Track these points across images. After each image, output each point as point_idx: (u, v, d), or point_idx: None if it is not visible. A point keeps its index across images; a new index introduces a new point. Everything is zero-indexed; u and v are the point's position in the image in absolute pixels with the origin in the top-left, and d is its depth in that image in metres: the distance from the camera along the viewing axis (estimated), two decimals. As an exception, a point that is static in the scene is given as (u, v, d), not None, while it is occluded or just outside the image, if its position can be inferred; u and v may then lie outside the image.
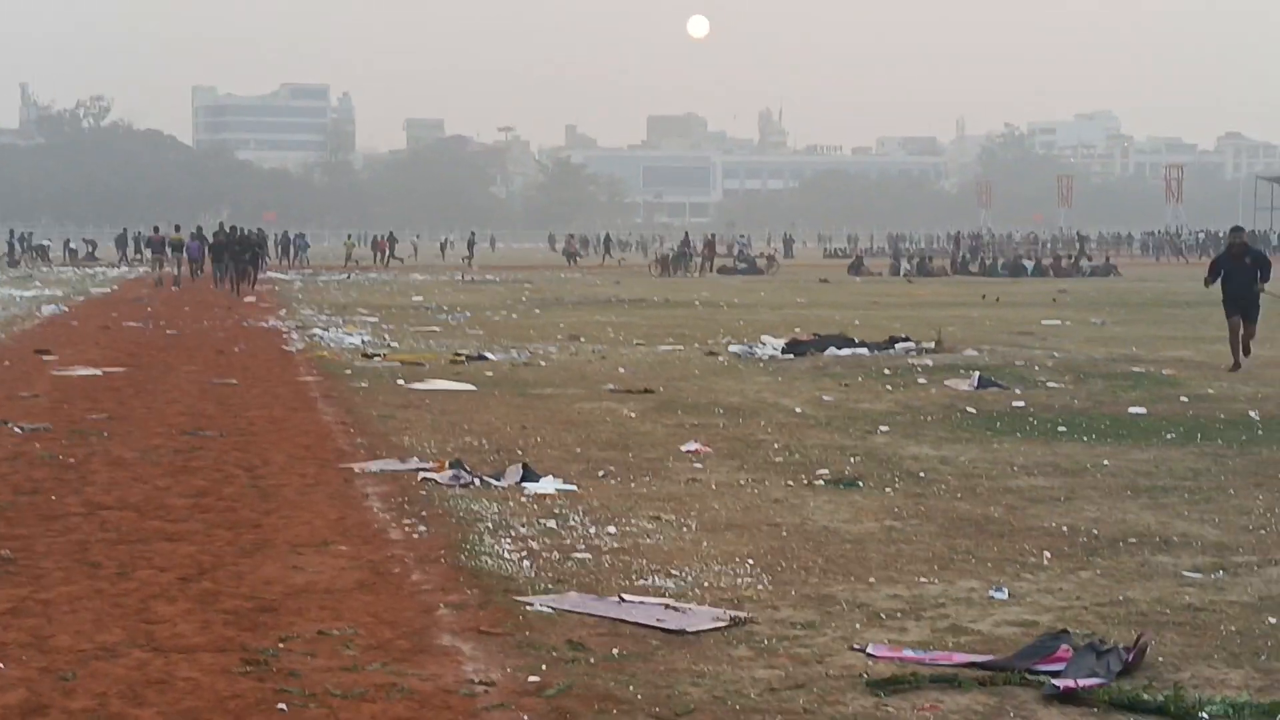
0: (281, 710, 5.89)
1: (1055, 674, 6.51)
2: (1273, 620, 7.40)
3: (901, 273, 62.84)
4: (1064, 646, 6.79)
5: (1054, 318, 32.85)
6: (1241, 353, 20.12)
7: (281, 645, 6.80)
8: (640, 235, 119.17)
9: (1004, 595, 7.94)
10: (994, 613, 7.58)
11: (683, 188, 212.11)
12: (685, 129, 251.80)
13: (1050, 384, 18.70)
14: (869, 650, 6.91)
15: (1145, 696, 6.17)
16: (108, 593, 7.78)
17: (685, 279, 60.52)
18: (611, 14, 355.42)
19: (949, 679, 6.48)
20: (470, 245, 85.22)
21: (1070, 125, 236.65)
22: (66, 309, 36.85)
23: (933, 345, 23.50)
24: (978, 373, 19.17)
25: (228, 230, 45.65)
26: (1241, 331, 20.11)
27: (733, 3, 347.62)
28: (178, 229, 57.87)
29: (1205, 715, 5.96)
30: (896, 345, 23.63)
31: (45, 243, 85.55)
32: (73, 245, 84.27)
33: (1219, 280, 20.46)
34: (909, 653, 6.92)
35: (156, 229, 61.08)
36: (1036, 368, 20.56)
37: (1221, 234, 59.09)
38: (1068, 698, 6.25)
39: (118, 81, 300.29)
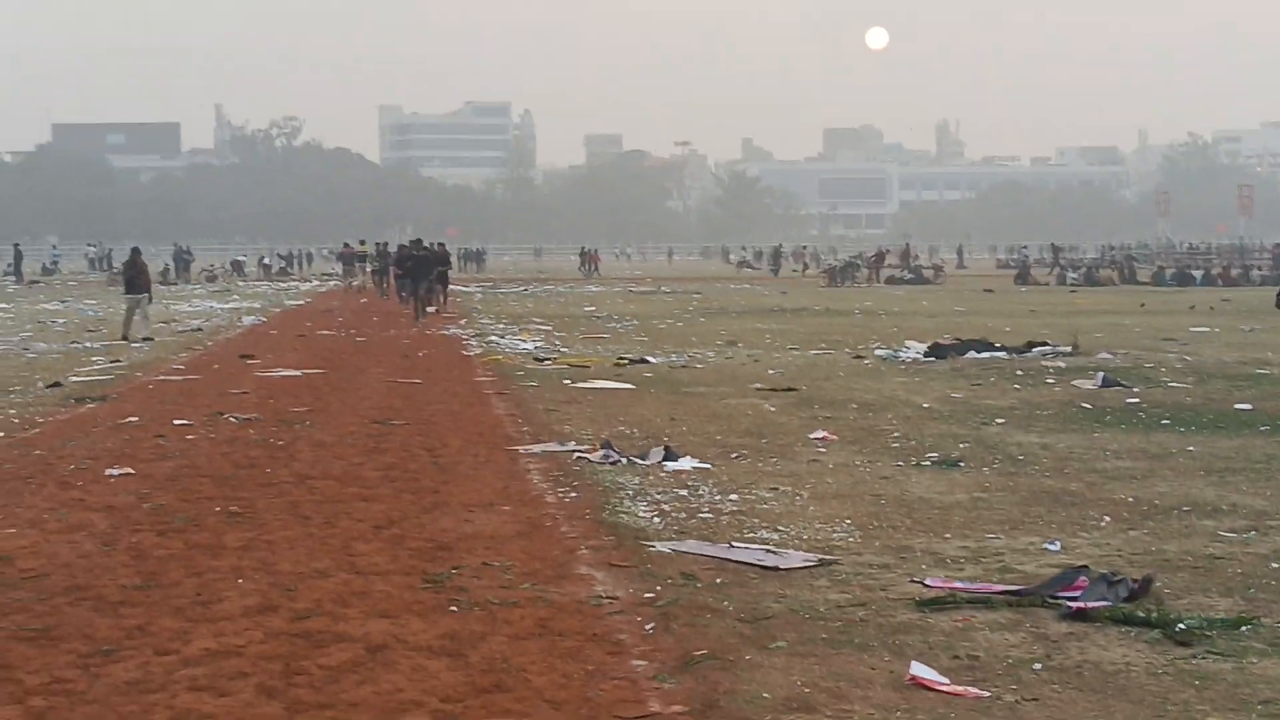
0: (453, 610, 7.64)
1: (1072, 599, 7.95)
2: (1275, 565, 8.76)
3: (1067, 282, 63.06)
4: (1082, 578, 8.19)
5: (1204, 325, 33.38)
6: None
7: (454, 571, 8.53)
8: (814, 247, 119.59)
9: (1056, 547, 9.32)
10: (1043, 559, 8.97)
11: (858, 200, 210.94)
12: (861, 141, 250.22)
13: (1171, 384, 19.68)
14: (925, 581, 8.40)
15: (1139, 614, 7.58)
16: (317, 536, 9.63)
17: (852, 289, 61.46)
18: (790, 28, 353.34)
19: (983, 600, 7.97)
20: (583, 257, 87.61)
21: (1256, 133, 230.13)
22: (265, 319, 39.21)
23: (1069, 349, 24.53)
24: (1103, 373, 20.14)
25: (415, 244, 42.44)
26: None
27: (912, 13, 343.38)
28: (362, 243, 60.67)
29: (1182, 626, 7.34)
30: (1034, 349, 24.50)
31: (241, 258, 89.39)
32: (266, 260, 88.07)
33: None
34: (958, 583, 8.40)
35: (346, 244, 64.05)
36: (1164, 370, 21.51)
37: None
38: (1078, 616, 7.70)
39: (309, 102, 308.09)
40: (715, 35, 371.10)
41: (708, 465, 12.88)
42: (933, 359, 23.93)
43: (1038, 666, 6.80)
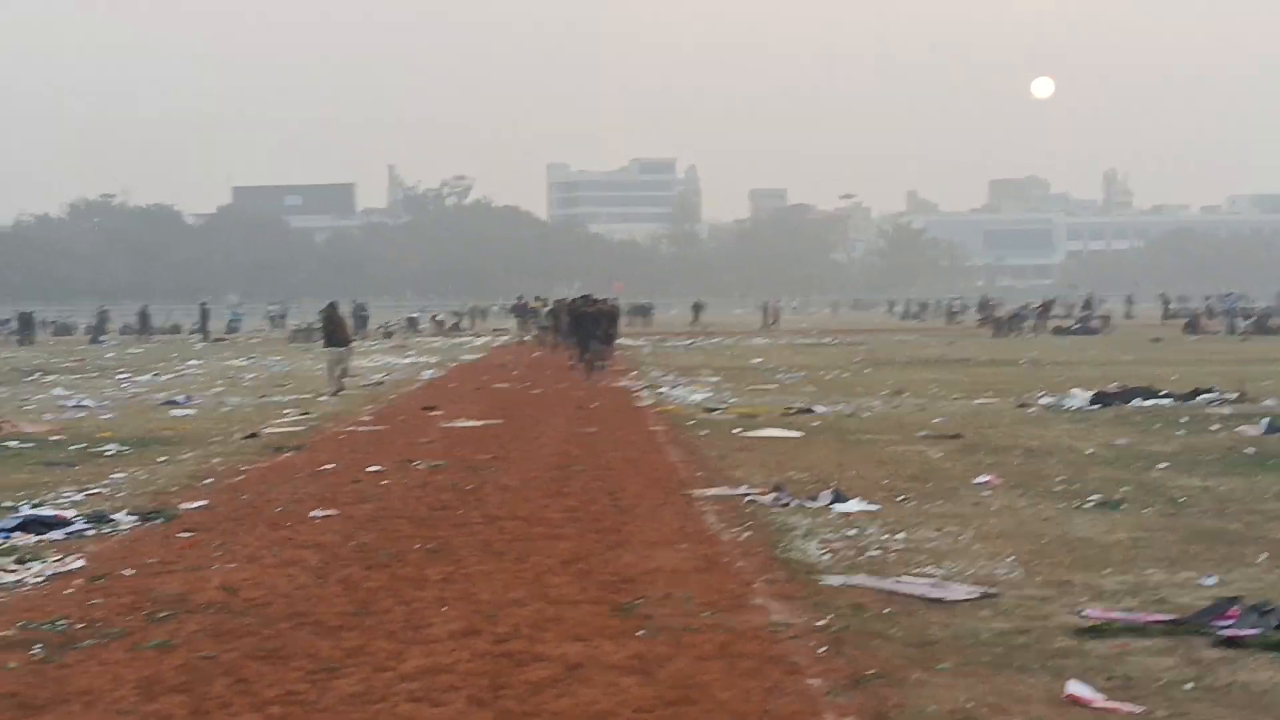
0: (640, 634, 8.26)
1: (1225, 626, 8.32)
2: None
3: (1237, 331, 62.14)
4: (1235, 607, 8.57)
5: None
6: None
7: (639, 601, 9.15)
8: (980, 298, 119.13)
9: (1212, 581, 9.67)
10: (1199, 593, 9.32)
11: (1024, 250, 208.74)
12: (1027, 191, 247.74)
13: None
14: (1084, 612, 8.83)
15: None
16: (510, 570, 10.32)
17: (1018, 339, 61.18)
18: (954, 79, 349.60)
19: (1139, 629, 8.39)
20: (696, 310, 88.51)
21: None
22: (443, 373, 40.37)
23: (1236, 396, 24.53)
24: (1269, 419, 20.22)
25: (582, 299, 42.19)
26: None
27: (1078, 62, 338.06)
28: (538, 299, 62.14)
29: None
30: (1199, 396, 24.53)
31: (415, 314, 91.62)
32: (439, 316, 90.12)
33: None
34: (1116, 614, 8.81)
35: (520, 297, 65.59)
36: None
37: None
38: (1230, 643, 8.07)
39: (478, 162, 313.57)
40: (879, 88, 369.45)
41: (875, 507, 13.35)
42: (1098, 406, 24.06)
43: (1189, 686, 7.20)
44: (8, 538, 12.18)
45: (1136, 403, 24.12)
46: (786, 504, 13.53)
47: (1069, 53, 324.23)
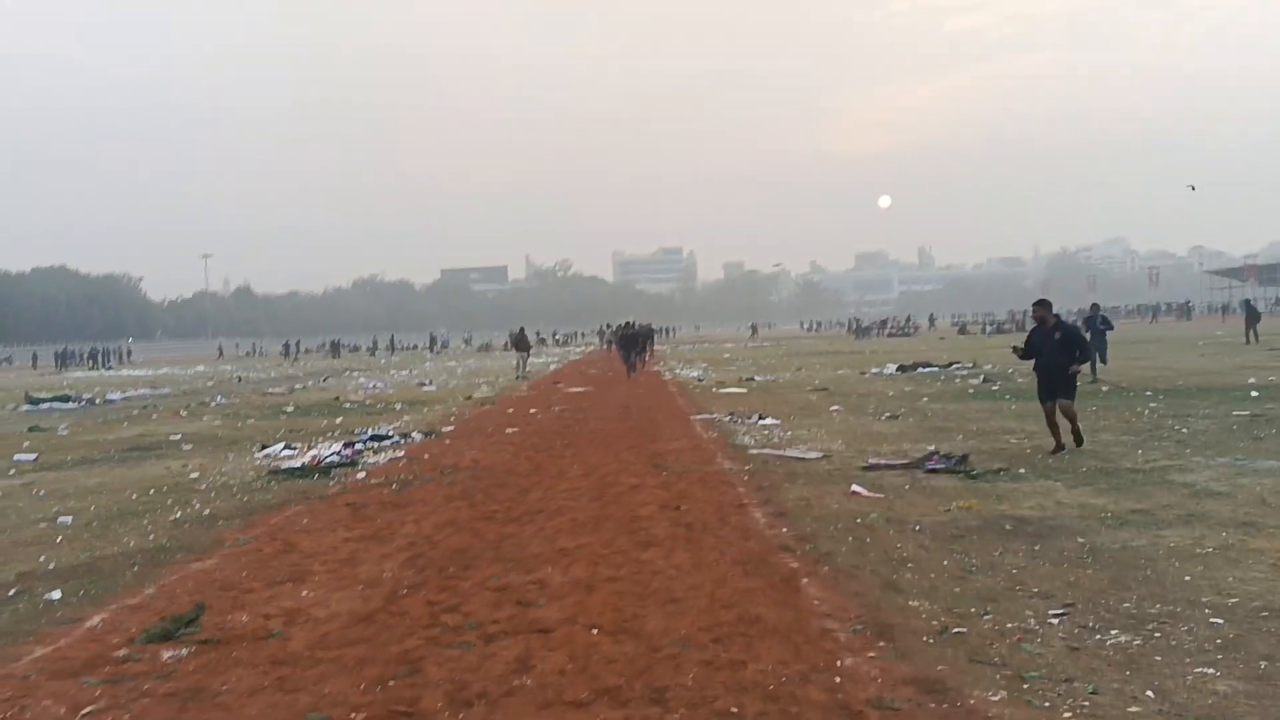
0: (663, 473, 9.85)
1: (930, 466, 9.78)
2: (1029, 449, 10.55)
3: (985, 332, 62.16)
4: (936, 455, 10.09)
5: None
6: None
7: (663, 461, 10.71)
8: (849, 318, 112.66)
9: (931, 448, 11.18)
10: (923, 451, 10.93)
11: (875, 292, 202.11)
12: (876, 258, 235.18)
13: (1019, 379, 20.85)
14: (868, 461, 10.20)
15: (958, 469, 9.44)
16: (602, 449, 11.74)
17: (869, 341, 61.50)
18: (837, 196, 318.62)
19: (891, 467, 9.83)
20: (754, 329, 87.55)
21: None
22: (561, 365, 40.82)
23: (971, 365, 25.15)
24: (982, 376, 21.00)
25: (628, 324, 38.54)
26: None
27: (905, 183, 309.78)
28: (608, 326, 63.31)
29: (975, 472, 9.26)
30: (952, 365, 24.81)
31: (544, 336, 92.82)
32: (558, 336, 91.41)
33: None
34: (882, 460, 10.29)
35: (608, 325, 66.81)
36: (1016, 373, 22.50)
37: None
38: (931, 471, 9.51)
39: (575, 248, 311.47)
40: (796, 205, 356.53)
41: (779, 421, 14.50)
42: (899, 371, 24.58)
43: (907, 487, 8.70)
44: (365, 444, 13.39)
45: (920, 370, 24.60)
46: (736, 421, 14.77)
47: (901, 178, 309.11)
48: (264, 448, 13.52)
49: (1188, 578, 5.60)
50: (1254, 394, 15.39)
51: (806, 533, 7.02)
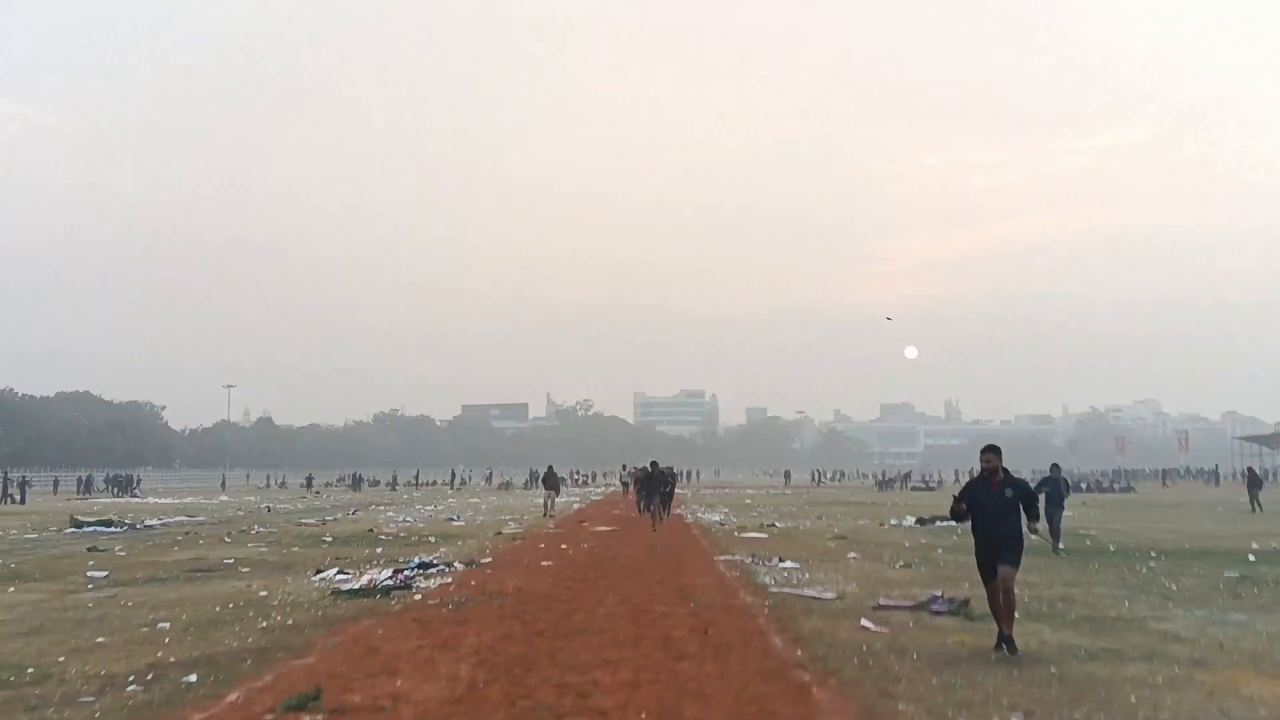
0: (692, 605, 11.15)
1: (935, 608, 10.86)
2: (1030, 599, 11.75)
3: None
4: (940, 599, 11.31)
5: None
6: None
7: (691, 595, 11.95)
8: (874, 472, 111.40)
9: (937, 592, 12.45)
10: (928, 595, 12.14)
11: (899, 444, 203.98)
12: (902, 410, 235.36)
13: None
14: (880, 602, 11.41)
15: (961, 612, 10.61)
16: (634, 582, 12.98)
17: (892, 493, 62.28)
18: (864, 351, 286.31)
19: (899, 608, 11.00)
20: (787, 476, 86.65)
21: None
22: (585, 504, 41.71)
23: None
24: None
25: (652, 465, 36.51)
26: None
27: (930, 339, 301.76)
28: (624, 467, 64.50)
29: (977, 614, 10.47)
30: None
31: (564, 476, 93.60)
32: (578, 475, 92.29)
33: None
34: (891, 602, 11.51)
35: (625, 466, 67.82)
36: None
37: None
38: (936, 613, 10.67)
39: (594, 387, 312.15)
40: (819, 352, 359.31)
41: (798, 564, 15.50)
42: (918, 524, 25.43)
43: (911, 624, 9.83)
44: (414, 570, 14.52)
45: (937, 523, 25.35)
46: (757, 563, 15.77)
47: (928, 330, 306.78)
48: (318, 571, 14.82)
49: (1134, 699, 6.85)
50: (1251, 558, 16.46)
51: (818, 655, 8.28)
